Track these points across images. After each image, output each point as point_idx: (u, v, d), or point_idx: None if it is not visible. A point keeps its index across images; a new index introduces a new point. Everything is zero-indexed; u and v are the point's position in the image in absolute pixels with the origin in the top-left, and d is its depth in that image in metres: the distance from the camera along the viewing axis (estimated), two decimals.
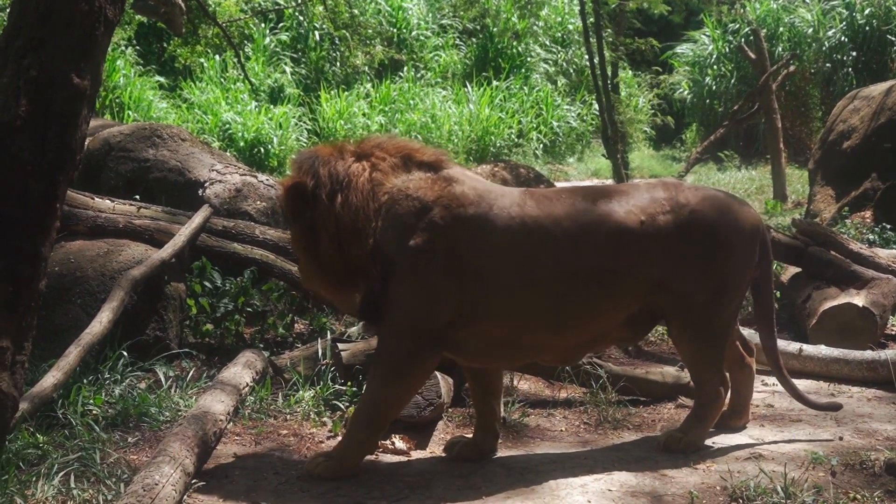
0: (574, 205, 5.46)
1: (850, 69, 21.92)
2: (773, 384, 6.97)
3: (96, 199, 7.98)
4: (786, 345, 7.30)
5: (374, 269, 5.34)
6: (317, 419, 6.24)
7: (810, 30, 23.00)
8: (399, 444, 5.78)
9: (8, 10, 4.84)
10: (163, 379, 6.60)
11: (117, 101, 20.53)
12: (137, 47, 22.69)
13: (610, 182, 16.89)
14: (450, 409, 6.38)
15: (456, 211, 5.33)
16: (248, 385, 6.35)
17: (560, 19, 26.21)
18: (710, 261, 5.53)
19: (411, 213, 5.32)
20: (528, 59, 25.11)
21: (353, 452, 5.36)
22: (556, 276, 5.36)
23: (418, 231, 5.30)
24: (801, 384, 6.97)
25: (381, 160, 5.49)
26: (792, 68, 18.06)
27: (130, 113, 20.38)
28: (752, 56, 17.14)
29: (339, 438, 5.90)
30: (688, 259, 5.50)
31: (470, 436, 5.75)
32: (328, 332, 7.31)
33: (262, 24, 23.36)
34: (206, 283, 7.68)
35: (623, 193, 5.60)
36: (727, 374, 5.88)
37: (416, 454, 5.73)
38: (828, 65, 22.33)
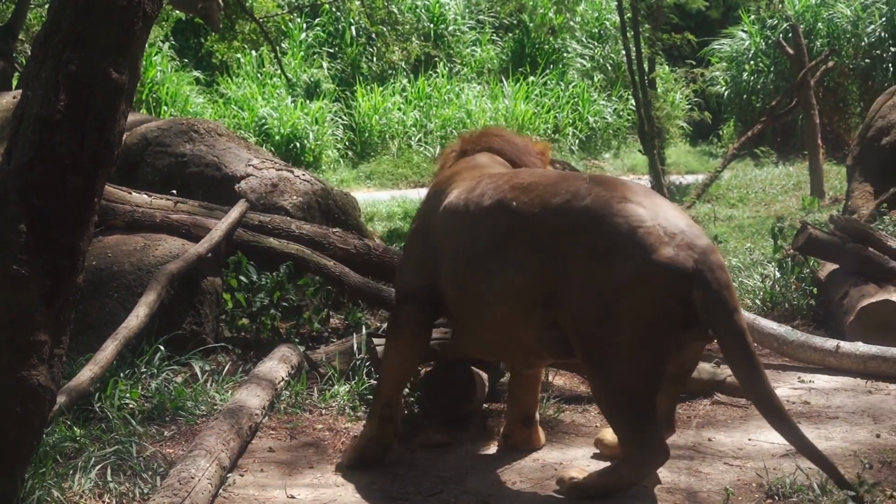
0: (480, 191, 5.25)
1: (889, 65, 21.75)
2: (810, 381, 6.93)
3: (133, 193, 8.03)
4: (823, 342, 7.26)
5: None
6: (352, 414, 6.26)
7: (849, 25, 22.81)
8: (435, 438, 5.79)
9: (48, 5, 4.88)
10: (199, 373, 6.63)
11: (154, 96, 20.69)
12: (174, 43, 22.82)
13: (645, 178, 16.83)
14: (485, 405, 6.38)
15: (434, 189, 5.70)
16: (283, 379, 6.39)
17: (597, 15, 26.12)
18: (595, 278, 4.67)
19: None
20: (565, 54, 25.06)
21: (369, 425, 5.50)
22: (460, 266, 5.25)
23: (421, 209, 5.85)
24: (838, 381, 6.94)
25: (451, 153, 6.08)
26: (830, 64, 17.92)
27: (167, 108, 20.52)
28: (791, 52, 17.02)
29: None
30: (574, 266, 4.74)
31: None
32: (363, 327, 7.33)
33: (299, 20, 23.43)
34: (242, 278, 7.70)
35: (540, 177, 5.15)
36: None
37: (452, 449, 5.73)
38: (867, 60, 22.16)
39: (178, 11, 18.73)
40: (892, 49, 21.81)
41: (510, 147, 5.94)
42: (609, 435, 5.43)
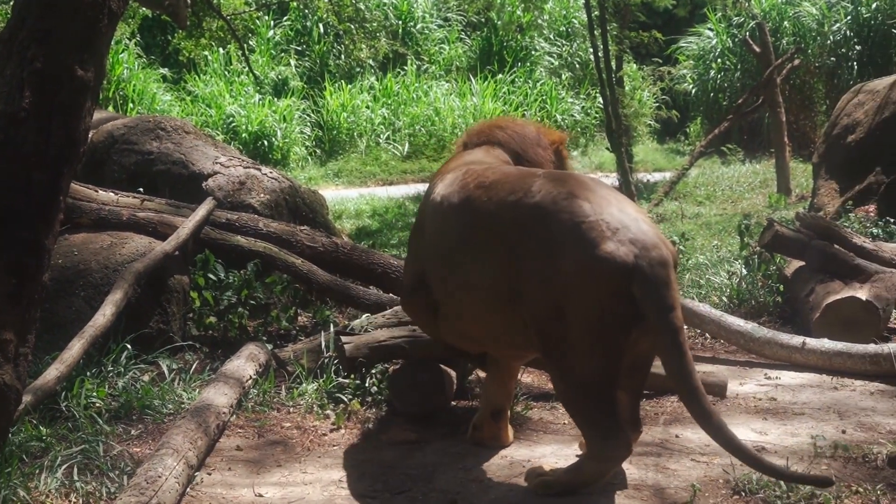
0: (453, 188, 5.38)
1: (854, 63, 21.89)
2: (777, 378, 6.96)
3: (100, 191, 8.00)
4: (789, 338, 7.29)
5: None
6: (320, 412, 6.25)
7: (815, 23, 22.94)
8: (404, 435, 5.79)
9: (12, 2, 4.84)
10: (166, 371, 6.61)
11: (121, 93, 20.59)
12: (141, 40, 22.71)
13: (613, 176, 16.88)
14: (453, 403, 6.39)
15: (429, 185, 5.77)
16: (251, 378, 6.38)
17: (564, 13, 26.18)
18: (544, 273, 4.73)
19: None
20: (533, 52, 25.09)
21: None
22: (439, 260, 5.40)
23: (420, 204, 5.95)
24: (804, 377, 6.98)
25: (459, 146, 6.24)
26: (796, 62, 18.00)
27: (134, 106, 20.42)
28: (757, 49, 17.10)
29: (342, 432, 5.94)
30: (526, 262, 4.82)
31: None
32: (331, 325, 7.31)
33: (266, 17, 23.36)
34: (210, 276, 7.68)
35: (503, 175, 5.21)
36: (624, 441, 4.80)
37: (420, 446, 5.73)
38: (832, 58, 22.28)
39: (144, 9, 18.63)
40: (858, 47, 21.95)
41: (515, 139, 5.95)
42: None
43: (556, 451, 5.58)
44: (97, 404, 6.01)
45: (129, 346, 6.64)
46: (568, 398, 4.93)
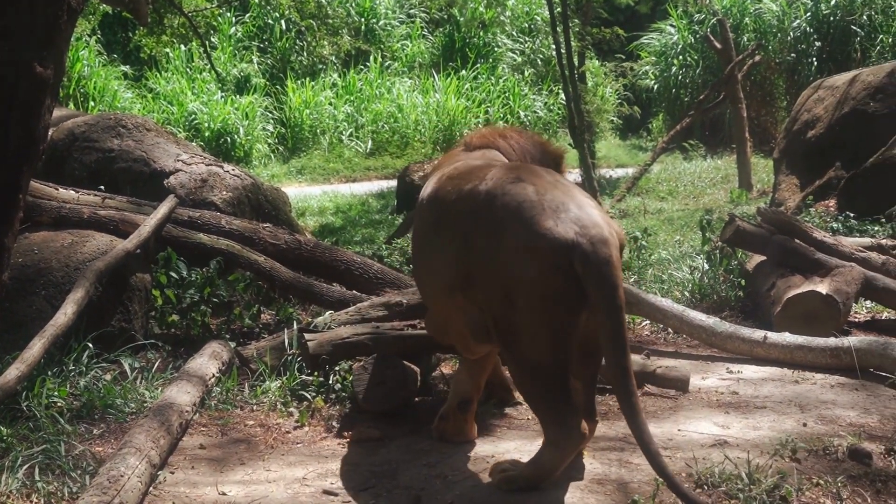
0: (431, 183, 5.54)
1: (814, 59, 22.07)
2: (738, 372, 7.00)
3: (60, 189, 7.94)
4: (750, 332, 7.33)
5: None
6: (283, 409, 6.23)
7: (775, 20, 23.12)
8: (367, 432, 5.78)
9: None
10: (128, 370, 6.58)
11: (81, 91, 20.48)
12: (101, 37, 22.57)
13: (576, 172, 16.93)
14: (417, 399, 6.38)
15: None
16: (214, 376, 6.35)
17: (527, 9, 26.24)
18: (492, 256, 4.76)
19: None
20: (496, 48, 25.14)
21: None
22: (413, 251, 5.68)
23: None
24: (766, 371, 7.02)
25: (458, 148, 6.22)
26: (757, 58, 18.13)
27: (95, 103, 20.31)
28: (718, 46, 17.20)
29: (306, 429, 5.93)
30: (477, 247, 4.86)
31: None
32: (295, 323, 7.30)
33: (228, 14, 23.26)
34: (172, 274, 7.65)
35: (468, 167, 5.34)
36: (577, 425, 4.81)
37: (384, 443, 5.73)
38: (793, 55, 22.46)
39: (105, 5, 18.52)
40: (817, 44, 22.12)
41: (515, 149, 5.95)
42: None
43: (519, 446, 5.59)
44: (59, 404, 5.97)
45: (90, 345, 6.60)
46: (522, 384, 4.99)
